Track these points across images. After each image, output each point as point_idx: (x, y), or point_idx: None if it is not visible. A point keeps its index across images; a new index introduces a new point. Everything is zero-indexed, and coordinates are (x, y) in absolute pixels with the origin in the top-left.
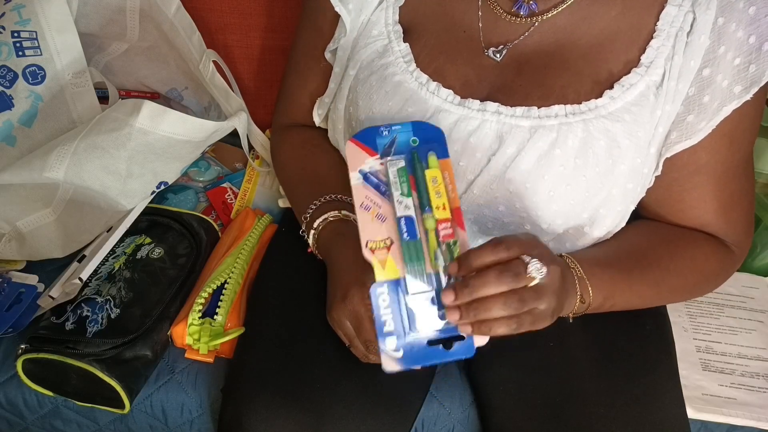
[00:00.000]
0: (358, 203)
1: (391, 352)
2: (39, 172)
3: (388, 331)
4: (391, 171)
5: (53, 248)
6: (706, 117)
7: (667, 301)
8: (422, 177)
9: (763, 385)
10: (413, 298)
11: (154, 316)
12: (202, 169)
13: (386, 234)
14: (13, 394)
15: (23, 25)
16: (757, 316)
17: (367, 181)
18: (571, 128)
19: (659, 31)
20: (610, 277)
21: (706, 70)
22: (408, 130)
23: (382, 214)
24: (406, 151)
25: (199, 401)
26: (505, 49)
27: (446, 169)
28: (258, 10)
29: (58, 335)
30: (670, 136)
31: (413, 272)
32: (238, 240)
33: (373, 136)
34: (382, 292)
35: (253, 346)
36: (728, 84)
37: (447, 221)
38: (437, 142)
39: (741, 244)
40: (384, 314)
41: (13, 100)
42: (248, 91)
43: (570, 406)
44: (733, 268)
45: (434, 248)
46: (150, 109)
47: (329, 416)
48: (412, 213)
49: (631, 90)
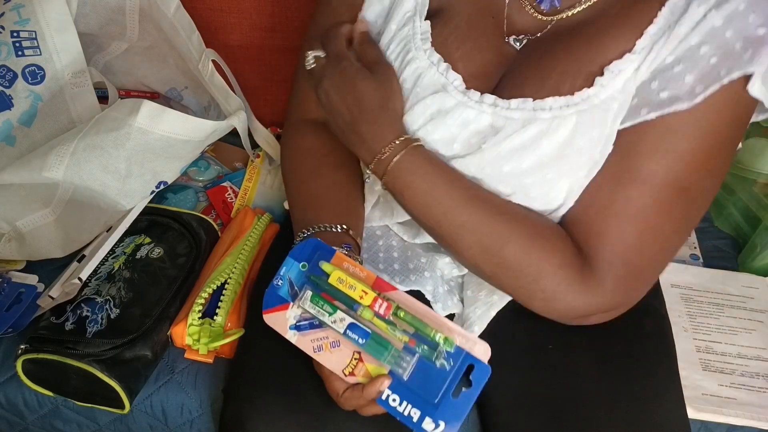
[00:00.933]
0: (310, 351)
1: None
2: (38, 172)
3: (418, 419)
4: (307, 307)
5: (53, 248)
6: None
7: (458, 242)
8: (331, 288)
9: (763, 385)
10: (411, 375)
11: (154, 317)
12: (201, 169)
13: (349, 352)
14: (13, 394)
15: (23, 24)
16: (757, 316)
17: (301, 330)
18: (564, 120)
19: (658, 18)
20: (441, 162)
21: (670, 57)
22: (293, 264)
23: (333, 341)
24: (304, 281)
25: (199, 401)
26: (525, 40)
27: (340, 263)
28: (258, 10)
29: (57, 335)
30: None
31: (391, 360)
32: (238, 239)
33: (274, 293)
34: (388, 394)
35: (254, 347)
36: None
37: (375, 300)
38: (318, 250)
39: (611, 272)
40: (404, 410)
41: (12, 99)
42: (249, 89)
43: (570, 406)
44: (579, 292)
45: (386, 328)
46: (149, 109)
47: (330, 417)
48: (348, 320)
49: (620, 76)
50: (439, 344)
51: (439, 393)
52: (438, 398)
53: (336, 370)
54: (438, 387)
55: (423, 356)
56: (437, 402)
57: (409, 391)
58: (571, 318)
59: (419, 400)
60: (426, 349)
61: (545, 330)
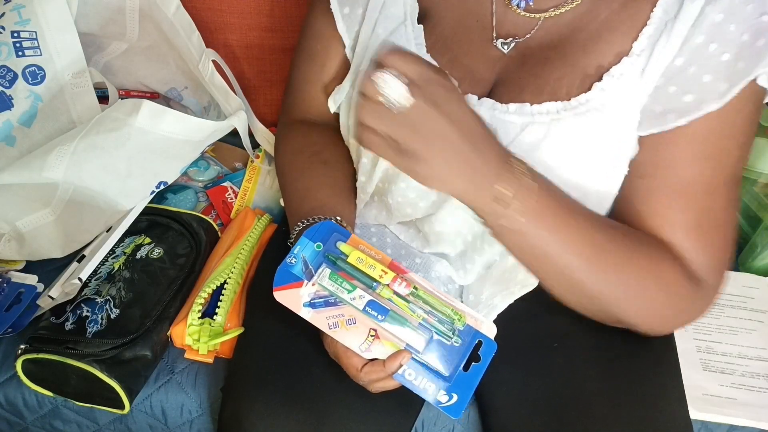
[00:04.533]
0: (325, 328)
1: (450, 403)
2: (38, 172)
3: (432, 392)
4: (325, 284)
5: (53, 248)
6: (675, 109)
7: (593, 278)
8: (351, 267)
9: (763, 385)
10: (425, 350)
11: (154, 317)
12: (201, 169)
13: (366, 329)
14: (12, 394)
15: (23, 25)
16: (758, 316)
17: (316, 307)
18: (561, 123)
19: (653, 18)
20: (557, 197)
21: (680, 59)
22: (307, 243)
23: (349, 318)
24: (320, 260)
25: (199, 401)
26: (513, 42)
27: (357, 245)
28: (257, 9)
29: (57, 335)
30: (643, 123)
31: (408, 336)
32: (238, 240)
33: (287, 271)
34: (404, 369)
35: (252, 346)
36: (711, 80)
37: (395, 279)
38: (334, 231)
39: (708, 275)
40: (419, 383)
41: (12, 100)
42: (249, 89)
43: (572, 406)
44: (695, 299)
45: (405, 306)
46: (149, 109)
47: (329, 416)
48: (367, 297)
49: (622, 79)
50: (454, 321)
51: (452, 367)
52: (450, 372)
53: (352, 346)
54: (450, 362)
55: (438, 332)
56: (449, 375)
57: (423, 366)
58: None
59: (433, 374)
60: (441, 327)
61: (547, 330)
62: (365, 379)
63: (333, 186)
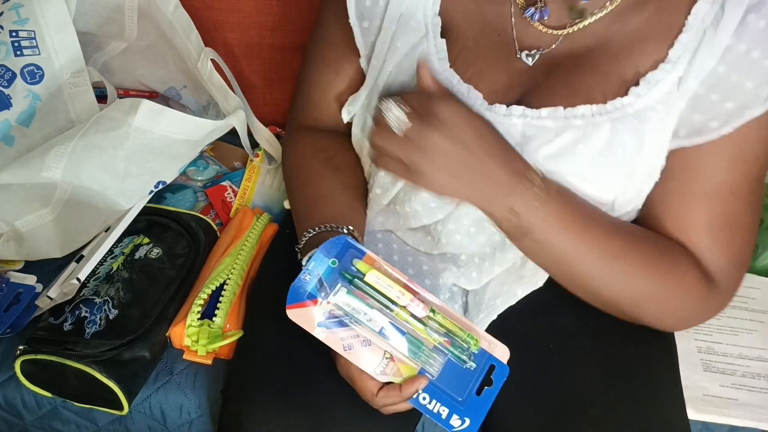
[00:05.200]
0: (340, 349)
1: (462, 427)
2: (37, 172)
3: (446, 416)
4: (341, 304)
5: (51, 248)
6: (717, 117)
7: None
8: (368, 287)
9: (764, 385)
10: (441, 376)
11: (153, 317)
12: (200, 168)
13: (381, 351)
14: (11, 395)
15: (21, 24)
16: (759, 316)
17: (331, 327)
18: (597, 128)
19: (689, 26)
20: (572, 205)
21: (722, 67)
22: (322, 259)
23: (364, 340)
24: (335, 277)
25: (198, 402)
26: (537, 54)
27: (372, 263)
28: (257, 8)
29: (56, 336)
30: (679, 132)
31: (424, 360)
32: (237, 239)
33: (301, 288)
34: (419, 393)
35: (253, 348)
36: (754, 86)
37: (413, 300)
38: (350, 248)
39: (726, 276)
40: (434, 408)
41: (11, 99)
42: (248, 88)
43: (571, 407)
44: (712, 300)
45: (422, 330)
46: (148, 108)
47: (329, 419)
48: (384, 318)
49: (658, 87)
50: (470, 345)
51: (465, 391)
52: (464, 396)
53: (367, 368)
54: (464, 386)
55: (453, 357)
56: (462, 400)
57: (438, 390)
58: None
59: (447, 398)
60: (456, 351)
61: (546, 330)
62: (380, 403)
63: (344, 193)
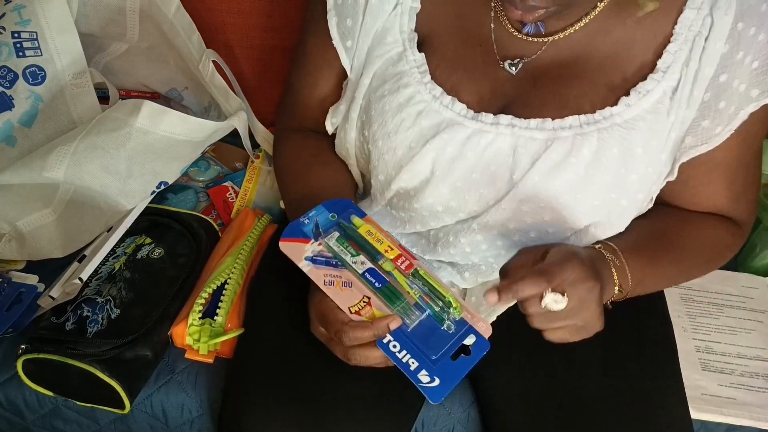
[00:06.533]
0: (321, 283)
1: (431, 386)
2: (39, 172)
3: (415, 369)
4: (331, 244)
5: (53, 248)
6: (722, 122)
7: (687, 277)
8: (359, 236)
9: (762, 385)
10: (415, 329)
11: (155, 317)
12: (202, 169)
13: (360, 294)
14: (13, 394)
15: (23, 25)
16: (757, 316)
17: (316, 263)
18: (585, 138)
19: (677, 36)
20: (641, 262)
21: (723, 76)
22: (323, 211)
23: (346, 281)
24: (331, 227)
25: (199, 401)
26: (520, 63)
27: (370, 223)
28: (258, 10)
29: (58, 335)
30: (685, 141)
31: (400, 310)
32: (238, 240)
33: (298, 228)
34: (389, 340)
35: (253, 347)
36: (745, 88)
37: (400, 257)
38: (350, 209)
39: (747, 221)
40: (403, 357)
41: (13, 100)
42: (250, 89)
43: (573, 407)
44: (741, 240)
45: (404, 281)
46: (150, 109)
47: (329, 417)
48: (369, 264)
49: (648, 97)
50: (451, 305)
51: (440, 352)
52: (437, 356)
53: (342, 306)
54: (439, 346)
55: (432, 314)
56: (435, 359)
57: (410, 343)
58: None
59: (419, 353)
60: (437, 309)
61: None
62: (349, 334)
63: (334, 186)
